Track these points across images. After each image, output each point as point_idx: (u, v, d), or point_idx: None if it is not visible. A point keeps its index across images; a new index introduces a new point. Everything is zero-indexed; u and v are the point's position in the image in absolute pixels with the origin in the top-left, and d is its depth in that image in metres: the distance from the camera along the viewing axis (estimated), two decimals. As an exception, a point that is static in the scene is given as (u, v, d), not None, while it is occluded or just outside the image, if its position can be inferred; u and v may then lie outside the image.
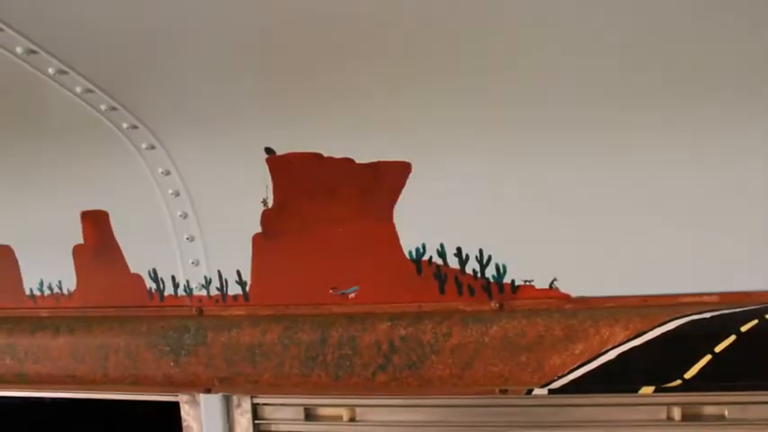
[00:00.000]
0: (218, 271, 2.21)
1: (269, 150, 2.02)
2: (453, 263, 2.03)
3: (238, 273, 2.19)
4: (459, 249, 2.01)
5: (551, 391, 1.98)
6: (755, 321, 1.86)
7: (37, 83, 1.81)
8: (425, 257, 2.04)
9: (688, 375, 1.89)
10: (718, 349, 1.87)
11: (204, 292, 2.24)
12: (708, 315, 1.88)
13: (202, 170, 2.10)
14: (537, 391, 1.99)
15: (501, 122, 1.85)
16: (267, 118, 1.96)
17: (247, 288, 2.20)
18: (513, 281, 2.00)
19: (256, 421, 2.31)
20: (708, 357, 1.87)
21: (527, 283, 2.00)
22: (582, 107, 1.79)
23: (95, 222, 2.28)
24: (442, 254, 2.03)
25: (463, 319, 2.01)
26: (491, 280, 2.01)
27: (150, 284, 2.29)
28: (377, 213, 2.03)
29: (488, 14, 1.59)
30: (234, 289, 2.21)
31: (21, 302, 2.45)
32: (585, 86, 1.75)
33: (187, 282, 2.25)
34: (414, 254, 2.04)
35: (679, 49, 1.64)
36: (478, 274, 2.01)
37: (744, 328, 1.86)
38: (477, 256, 2.01)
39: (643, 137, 1.83)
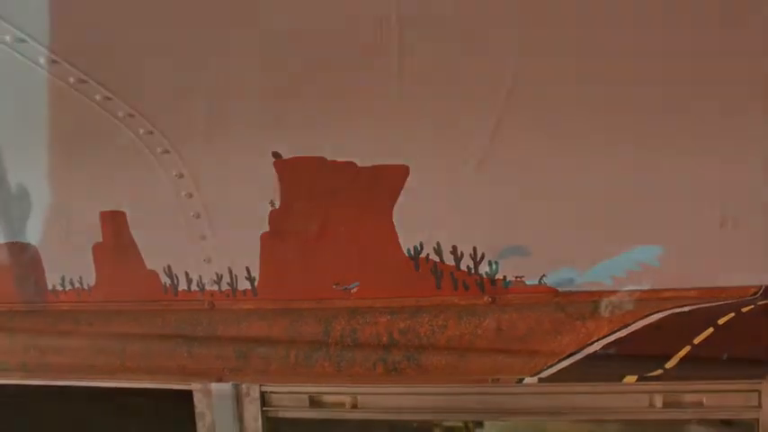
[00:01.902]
0: (229, 268, 2.25)
1: (276, 155, 2.06)
2: (449, 260, 2.05)
3: (247, 269, 2.22)
4: (454, 247, 2.04)
5: (541, 380, 2.02)
6: (732, 315, 1.89)
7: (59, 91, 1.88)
8: (423, 255, 2.07)
9: (669, 365, 1.93)
10: (696, 341, 1.91)
11: (215, 288, 2.28)
12: (687, 309, 1.91)
13: (213, 173, 2.13)
14: (527, 380, 2.04)
15: (496, 127, 1.87)
16: (274, 125, 2.00)
17: (256, 284, 2.23)
18: (504, 277, 2.03)
19: (264, 408, 2.35)
20: (687, 348, 1.91)
21: (518, 279, 2.03)
22: (577, 110, 1.81)
23: (114, 222, 2.30)
24: (438, 252, 2.05)
25: (458, 313, 2.05)
26: (484, 276, 2.04)
27: (165, 280, 2.32)
28: (377, 213, 2.06)
29: (488, 17, 1.63)
30: (243, 285, 2.24)
31: (44, 297, 2.48)
32: (581, 90, 1.78)
33: (199, 278, 2.29)
34: (412, 252, 2.07)
35: (676, 57, 1.68)
36: (472, 271, 2.04)
37: (721, 321, 1.90)
38: (471, 254, 2.04)
39: (631, 140, 1.84)
